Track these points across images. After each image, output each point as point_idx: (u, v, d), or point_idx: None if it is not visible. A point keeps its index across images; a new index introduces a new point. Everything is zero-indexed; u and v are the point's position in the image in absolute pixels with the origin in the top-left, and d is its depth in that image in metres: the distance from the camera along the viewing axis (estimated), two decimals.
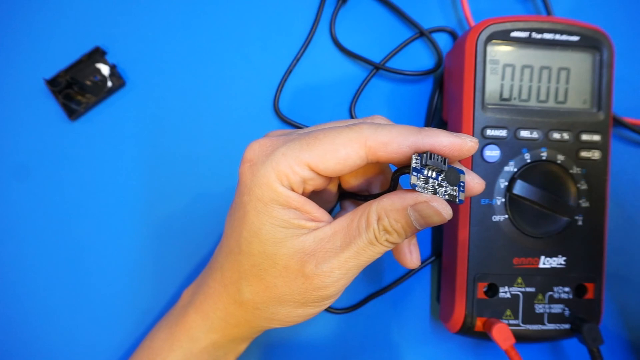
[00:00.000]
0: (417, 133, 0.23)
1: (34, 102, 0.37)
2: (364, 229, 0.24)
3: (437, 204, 0.23)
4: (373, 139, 0.23)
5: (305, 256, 0.24)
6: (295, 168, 0.23)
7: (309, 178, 0.24)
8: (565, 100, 0.35)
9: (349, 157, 0.23)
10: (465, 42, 0.34)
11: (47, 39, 0.37)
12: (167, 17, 0.38)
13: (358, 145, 0.23)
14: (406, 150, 0.23)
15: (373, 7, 0.40)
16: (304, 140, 0.24)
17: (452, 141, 0.23)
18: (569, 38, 0.34)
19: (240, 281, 0.27)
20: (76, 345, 0.36)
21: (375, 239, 0.24)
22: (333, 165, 0.23)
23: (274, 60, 0.39)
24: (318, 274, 0.24)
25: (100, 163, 0.37)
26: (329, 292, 0.25)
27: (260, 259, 0.25)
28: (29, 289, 0.36)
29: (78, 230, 0.37)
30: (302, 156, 0.23)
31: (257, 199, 0.24)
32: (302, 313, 0.27)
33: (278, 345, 0.38)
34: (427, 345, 0.39)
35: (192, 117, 0.38)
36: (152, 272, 0.37)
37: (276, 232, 0.24)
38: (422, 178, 0.23)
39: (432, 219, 0.23)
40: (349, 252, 0.24)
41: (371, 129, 0.23)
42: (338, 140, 0.23)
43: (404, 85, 0.40)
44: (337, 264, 0.24)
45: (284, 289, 0.25)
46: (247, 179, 0.25)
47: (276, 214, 0.24)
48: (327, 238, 0.24)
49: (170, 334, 0.31)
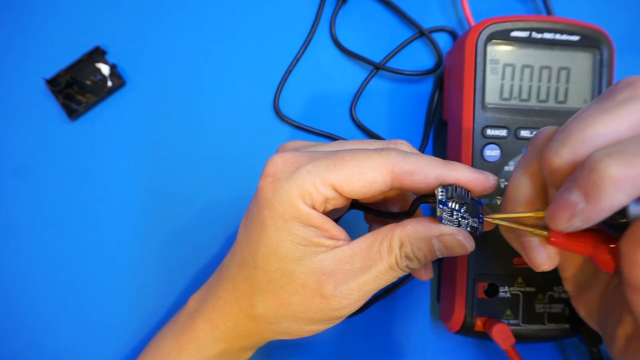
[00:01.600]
0: (444, 166, 0.23)
1: (34, 101, 0.37)
2: (386, 253, 0.24)
3: (462, 237, 0.24)
4: (400, 167, 0.23)
5: (323, 276, 0.24)
6: (320, 187, 0.23)
7: (331, 198, 0.24)
8: (566, 100, 0.35)
9: (375, 181, 0.23)
10: (465, 41, 0.34)
11: (47, 39, 0.37)
12: (167, 17, 0.38)
13: (385, 171, 0.23)
14: (431, 181, 0.23)
15: (373, 7, 0.40)
16: (331, 160, 0.24)
17: (476, 177, 0.24)
18: (569, 38, 0.34)
19: (254, 295, 0.26)
20: (79, 347, 0.36)
21: (396, 264, 0.24)
22: (358, 189, 0.23)
23: (274, 60, 0.39)
24: (336, 295, 0.24)
25: (101, 163, 0.37)
26: (345, 312, 0.25)
27: (277, 276, 0.25)
28: (30, 290, 0.36)
29: (78, 230, 0.37)
30: (327, 176, 0.23)
31: (277, 215, 0.24)
32: (314, 329, 0.27)
33: (279, 346, 0.38)
34: (427, 345, 0.39)
35: (192, 117, 0.38)
36: (152, 272, 0.37)
37: (295, 249, 0.24)
38: (447, 210, 0.23)
39: (456, 250, 0.24)
40: (368, 275, 0.24)
41: (399, 156, 0.24)
42: (365, 164, 0.23)
43: (404, 85, 0.40)
44: (356, 287, 0.24)
45: (300, 307, 0.25)
46: (269, 194, 0.25)
47: (296, 231, 0.24)
48: (347, 259, 0.24)
49: (177, 341, 0.30)
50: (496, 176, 0.24)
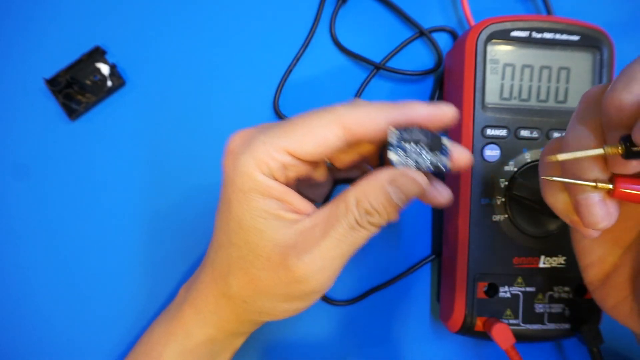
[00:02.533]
0: (393, 108, 0.23)
1: (34, 101, 0.37)
2: (343, 214, 0.24)
3: (411, 172, 0.23)
4: (348, 118, 0.23)
5: (286, 249, 0.24)
6: (274, 154, 0.23)
7: (289, 164, 0.24)
8: (566, 100, 0.35)
9: (327, 138, 0.23)
10: (466, 41, 0.34)
11: (47, 39, 0.37)
12: (167, 17, 0.38)
13: (335, 126, 0.23)
14: (383, 126, 0.23)
15: (373, 7, 0.40)
16: (282, 127, 0.24)
17: (430, 112, 0.23)
18: (569, 37, 0.34)
19: (229, 275, 0.27)
20: (76, 343, 0.36)
21: (357, 223, 0.24)
22: (311, 148, 0.23)
23: (274, 60, 0.39)
24: (299, 265, 0.24)
25: (100, 162, 0.37)
26: (313, 285, 0.25)
27: (246, 250, 0.25)
28: (29, 288, 0.36)
29: (77, 230, 0.37)
30: (280, 142, 0.23)
31: (238, 189, 0.24)
32: (288, 307, 0.27)
33: (279, 346, 0.38)
34: (427, 344, 0.39)
35: (192, 117, 0.38)
36: (152, 270, 0.37)
37: (256, 222, 0.24)
38: (402, 152, 0.23)
39: (411, 190, 0.23)
40: (329, 240, 0.24)
41: (347, 108, 0.23)
42: (315, 123, 0.23)
43: (404, 85, 0.40)
44: (319, 254, 0.24)
45: (268, 282, 0.25)
46: (229, 170, 0.25)
47: (255, 203, 0.24)
48: (308, 230, 0.24)
49: (166, 328, 0.31)
50: (454, 107, 0.23)
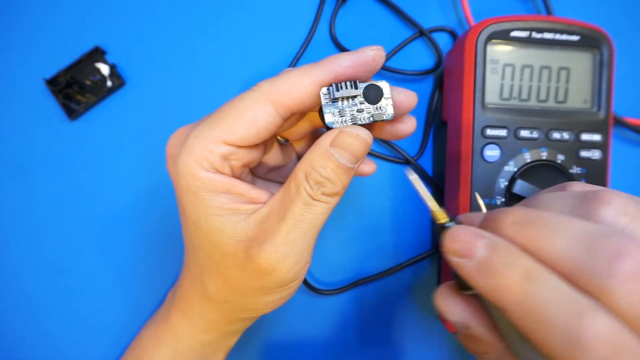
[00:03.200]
0: (315, 65, 0.22)
1: (34, 101, 0.37)
2: (295, 193, 0.22)
3: (350, 129, 0.22)
4: (273, 92, 0.22)
5: (248, 242, 0.23)
6: (210, 147, 0.22)
7: (229, 153, 0.23)
8: (566, 100, 0.35)
9: (258, 118, 0.22)
10: (465, 41, 0.34)
11: (47, 39, 0.37)
12: (166, 17, 0.38)
13: (262, 104, 0.22)
14: (311, 89, 0.21)
15: (373, 7, 0.40)
16: (212, 118, 0.23)
17: (352, 59, 0.22)
18: (569, 38, 0.34)
19: (203, 277, 0.26)
20: (72, 344, 0.36)
21: (311, 198, 0.22)
22: (246, 132, 0.22)
23: (274, 60, 0.39)
24: (262, 256, 0.23)
25: (100, 162, 0.37)
26: (283, 273, 0.24)
27: (211, 251, 0.24)
28: (27, 289, 0.36)
29: (77, 230, 0.37)
30: (212, 134, 0.22)
31: (185, 191, 0.23)
32: (270, 300, 0.26)
33: (279, 346, 0.38)
34: (427, 344, 0.39)
35: (191, 117, 0.38)
36: (151, 270, 0.37)
37: (212, 221, 0.23)
38: (336, 111, 0.21)
39: (354, 147, 0.22)
40: (286, 223, 0.22)
41: (269, 82, 0.22)
42: (243, 106, 0.22)
43: (404, 84, 0.40)
44: (280, 240, 0.23)
45: (240, 279, 0.24)
46: (173, 174, 0.24)
47: (207, 202, 0.23)
48: (265, 218, 0.23)
49: (156, 333, 0.31)
50: (378, 45, 0.22)
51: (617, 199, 0.18)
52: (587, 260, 0.17)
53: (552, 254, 0.18)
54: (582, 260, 0.17)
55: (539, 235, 0.18)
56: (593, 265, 0.17)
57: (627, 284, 0.16)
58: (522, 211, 0.20)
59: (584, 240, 0.17)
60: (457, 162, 0.35)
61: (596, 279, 0.16)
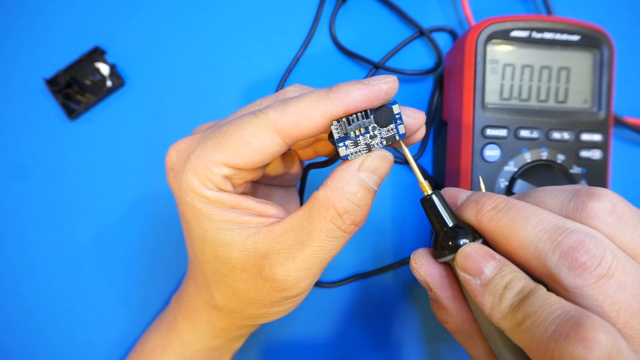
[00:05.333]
0: (326, 97, 0.21)
1: (34, 101, 0.37)
2: (319, 223, 0.22)
3: (377, 151, 0.22)
4: (282, 122, 0.21)
5: (259, 259, 0.23)
6: (213, 169, 0.22)
7: (232, 174, 0.22)
8: (566, 100, 0.35)
9: (264, 146, 0.21)
10: (465, 41, 0.34)
11: (47, 39, 0.37)
12: (166, 17, 0.38)
13: (269, 133, 0.21)
14: (320, 121, 0.21)
15: (373, 7, 0.40)
16: (216, 139, 0.22)
17: (365, 94, 0.21)
18: (569, 37, 0.34)
19: (211, 288, 0.26)
20: (74, 343, 0.36)
21: (338, 229, 0.22)
22: (250, 159, 0.22)
23: (274, 60, 0.39)
24: (276, 278, 0.23)
25: (100, 162, 0.37)
26: (295, 292, 0.24)
27: (219, 264, 0.24)
28: (28, 289, 0.36)
29: (77, 230, 0.37)
30: (215, 157, 0.22)
31: (190, 207, 0.23)
32: (278, 310, 0.26)
33: (279, 345, 0.38)
34: (427, 344, 0.39)
35: (191, 117, 0.38)
36: (151, 270, 0.37)
37: (221, 235, 0.23)
38: (351, 144, 0.21)
39: (383, 169, 0.22)
40: (304, 252, 0.22)
41: (277, 111, 0.21)
42: (247, 132, 0.21)
43: (404, 84, 0.39)
44: (294, 267, 0.23)
45: (249, 293, 0.24)
46: (175, 189, 0.24)
47: (214, 217, 0.23)
48: (278, 238, 0.23)
49: (162, 338, 0.31)
50: (392, 76, 0.21)
51: (609, 196, 0.20)
52: (547, 250, 0.19)
53: (518, 241, 0.20)
54: (543, 250, 0.19)
55: (510, 222, 0.20)
56: (550, 257, 0.19)
57: (578, 276, 0.18)
58: (501, 198, 0.21)
59: (548, 231, 0.19)
60: (457, 162, 0.35)
61: (551, 270, 0.18)
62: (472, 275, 0.20)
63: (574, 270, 0.18)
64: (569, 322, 0.17)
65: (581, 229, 0.19)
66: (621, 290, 0.18)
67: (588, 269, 0.18)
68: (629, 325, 0.18)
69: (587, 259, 0.18)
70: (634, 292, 0.18)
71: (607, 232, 0.19)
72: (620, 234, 0.19)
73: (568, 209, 0.20)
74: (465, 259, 0.21)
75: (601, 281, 0.18)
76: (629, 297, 0.18)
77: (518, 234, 0.20)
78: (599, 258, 0.18)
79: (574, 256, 0.18)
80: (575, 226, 0.19)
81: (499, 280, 0.20)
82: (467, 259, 0.21)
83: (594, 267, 0.18)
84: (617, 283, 0.18)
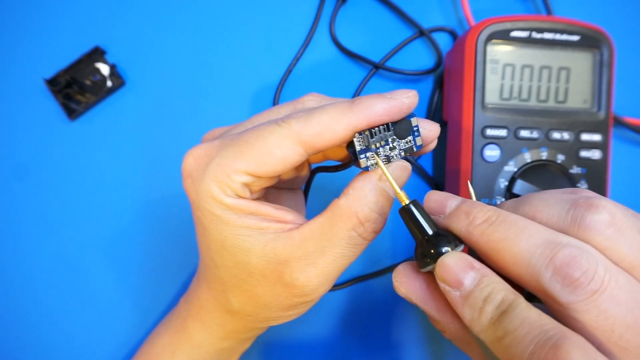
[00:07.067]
0: (349, 110, 0.21)
1: (33, 101, 0.37)
2: (342, 230, 0.23)
3: (397, 162, 0.23)
4: (305, 133, 0.22)
5: (278, 265, 0.23)
6: (234, 177, 0.22)
7: (251, 182, 0.23)
8: (566, 100, 0.35)
9: (286, 156, 0.22)
10: (465, 41, 0.34)
11: (47, 39, 0.37)
12: (166, 17, 0.38)
13: (292, 144, 0.22)
14: (343, 133, 0.22)
15: (373, 7, 0.40)
16: (237, 147, 0.23)
17: (386, 108, 0.21)
18: (569, 37, 0.34)
19: (226, 292, 0.26)
20: (76, 347, 0.36)
21: (359, 236, 0.23)
22: (271, 168, 0.22)
23: (274, 60, 0.39)
24: (296, 284, 0.23)
25: (100, 162, 0.37)
26: (313, 297, 0.24)
27: (237, 270, 0.24)
28: (28, 289, 0.36)
29: (77, 230, 0.37)
30: (236, 165, 0.22)
31: (209, 213, 0.23)
32: (293, 313, 0.26)
33: (279, 345, 0.38)
34: (427, 345, 0.39)
35: (191, 117, 0.38)
36: (152, 272, 0.37)
37: (240, 241, 0.23)
38: (372, 156, 0.22)
39: (403, 179, 0.23)
40: (325, 259, 0.23)
41: (300, 122, 0.22)
42: (270, 142, 0.22)
43: (404, 84, 0.39)
44: (315, 273, 0.23)
45: (267, 298, 0.25)
46: (193, 195, 0.24)
47: (234, 223, 0.23)
48: (297, 245, 0.23)
49: (170, 340, 0.31)
50: (413, 90, 0.22)
51: (608, 207, 0.19)
52: (540, 266, 0.18)
53: (511, 257, 0.19)
54: (537, 266, 0.18)
55: (503, 236, 0.20)
56: (544, 273, 0.18)
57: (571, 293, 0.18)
58: (492, 211, 0.21)
59: (541, 246, 0.19)
60: (457, 162, 0.35)
61: (545, 286, 0.18)
62: (451, 286, 0.20)
63: (568, 286, 0.18)
64: (547, 343, 0.17)
65: (573, 243, 0.18)
66: (615, 304, 0.18)
67: (581, 285, 0.18)
68: (624, 338, 0.18)
69: (580, 275, 0.18)
70: (629, 306, 0.18)
71: (604, 245, 0.19)
72: (617, 247, 0.19)
73: (565, 220, 0.20)
74: (443, 270, 0.20)
75: (594, 296, 0.18)
76: (623, 311, 0.18)
77: (511, 249, 0.19)
78: (591, 273, 0.18)
79: (567, 272, 0.18)
80: (567, 240, 0.19)
81: (479, 293, 0.19)
82: (445, 270, 0.20)
83: (587, 283, 0.18)
84: (610, 297, 0.18)
